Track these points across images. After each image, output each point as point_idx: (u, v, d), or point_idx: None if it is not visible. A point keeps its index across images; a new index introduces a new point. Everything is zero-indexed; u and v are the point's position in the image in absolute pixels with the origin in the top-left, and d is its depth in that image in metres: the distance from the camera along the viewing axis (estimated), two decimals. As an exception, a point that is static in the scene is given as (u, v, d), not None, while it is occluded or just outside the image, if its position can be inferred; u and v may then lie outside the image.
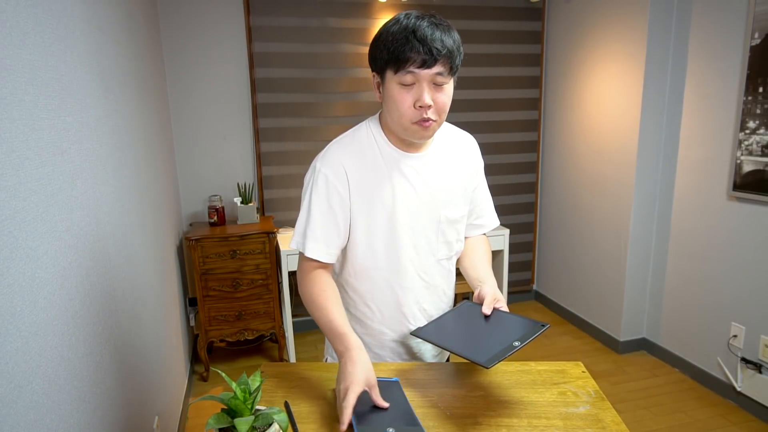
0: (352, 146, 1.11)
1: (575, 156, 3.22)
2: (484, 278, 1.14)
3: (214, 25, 2.88)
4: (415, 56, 0.95)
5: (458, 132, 1.22)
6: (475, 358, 0.89)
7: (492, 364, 0.86)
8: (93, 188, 1.25)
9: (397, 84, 0.99)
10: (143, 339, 1.65)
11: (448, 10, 3.16)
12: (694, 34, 2.49)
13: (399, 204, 1.10)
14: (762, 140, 2.16)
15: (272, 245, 2.66)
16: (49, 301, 0.91)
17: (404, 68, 0.97)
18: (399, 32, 0.97)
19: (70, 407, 0.96)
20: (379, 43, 1.00)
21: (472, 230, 1.28)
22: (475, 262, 1.21)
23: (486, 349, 0.91)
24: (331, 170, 1.08)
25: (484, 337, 0.96)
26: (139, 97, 1.97)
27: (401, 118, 1.02)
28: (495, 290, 1.09)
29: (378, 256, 1.12)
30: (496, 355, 0.89)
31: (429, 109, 1.00)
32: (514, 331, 0.96)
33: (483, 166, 1.25)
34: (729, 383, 2.41)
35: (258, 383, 0.79)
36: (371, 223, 1.10)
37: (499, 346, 0.91)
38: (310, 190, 1.09)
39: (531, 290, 3.81)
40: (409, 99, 1.00)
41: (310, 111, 3.09)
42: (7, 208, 0.78)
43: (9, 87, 0.82)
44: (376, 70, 1.05)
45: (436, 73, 0.97)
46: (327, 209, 1.08)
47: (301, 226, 1.10)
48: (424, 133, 1.04)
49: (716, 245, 2.44)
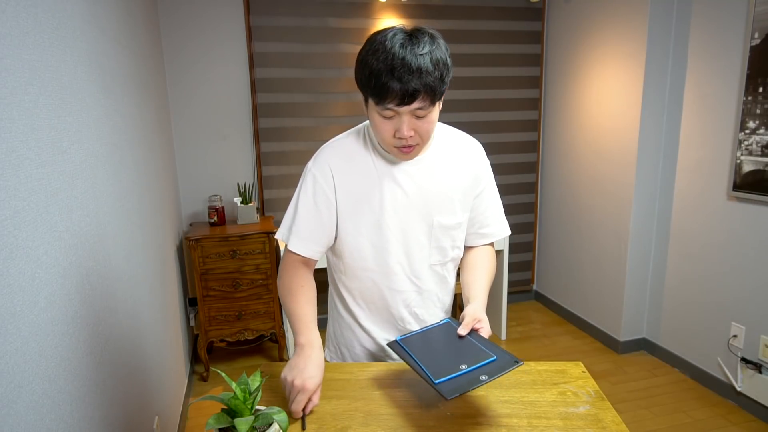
0: (343, 148, 1.12)
1: (575, 156, 3.22)
2: (474, 297, 1.10)
3: (214, 25, 2.88)
4: (393, 95, 0.93)
5: (462, 136, 1.19)
6: (439, 388, 0.85)
7: (452, 396, 0.83)
8: (93, 188, 1.25)
9: (377, 114, 0.99)
10: (143, 339, 1.65)
11: (449, 10, 3.16)
12: (694, 33, 2.49)
13: (387, 207, 1.10)
14: (762, 140, 2.16)
15: (272, 245, 2.66)
16: (49, 301, 0.91)
17: (383, 104, 0.95)
18: (379, 68, 0.93)
19: (70, 407, 0.96)
20: (364, 69, 0.96)
21: (477, 239, 1.23)
22: (471, 278, 1.17)
23: (452, 377, 0.88)
24: (319, 170, 1.10)
25: (453, 363, 0.91)
26: (139, 97, 1.97)
27: (383, 142, 1.04)
28: (477, 311, 1.04)
29: (366, 258, 1.13)
30: (461, 386, 0.85)
31: (410, 138, 0.99)
32: (483, 362, 0.91)
33: (490, 173, 1.21)
34: (729, 383, 2.41)
35: (258, 383, 0.79)
36: (358, 225, 1.11)
37: (465, 377, 0.87)
38: (300, 188, 1.13)
39: (531, 290, 3.81)
40: (390, 128, 0.99)
41: (310, 111, 3.09)
42: (7, 208, 0.78)
43: (9, 87, 0.82)
44: (360, 90, 1.02)
45: (416, 108, 0.96)
46: (313, 208, 1.11)
47: (288, 221, 1.13)
48: (405, 157, 1.06)
49: (716, 245, 2.45)
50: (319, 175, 1.10)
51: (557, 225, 3.47)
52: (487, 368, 0.89)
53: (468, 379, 0.87)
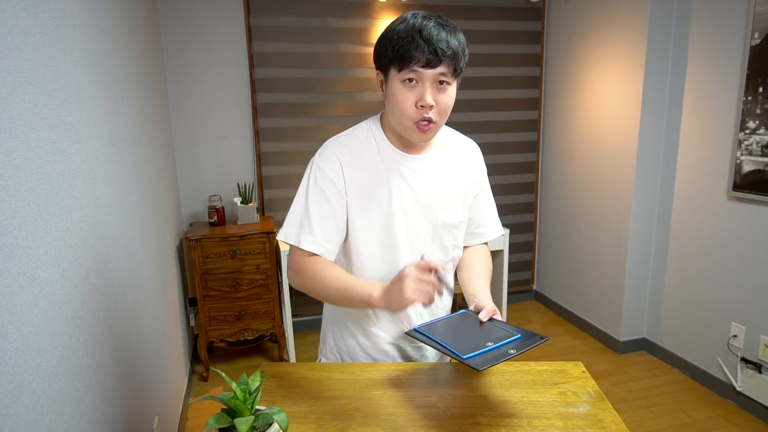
0: (350, 143, 1.11)
1: (575, 156, 3.22)
2: (480, 294, 1.13)
3: (214, 25, 2.88)
4: (420, 55, 0.95)
5: (461, 138, 1.22)
6: (468, 361, 0.88)
7: (483, 368, 0.85)
8: (93, 188, 1.25)
9: (400, 82, 1.00)
10: (143, 339, 1.65)
11: (449, 10, 3.16)
12: (694, 34, 2.49)
13: (395, 204, 1.09)
14: (762, 140, 2.16)
15: (272, 245, 2.66)
16: (49, 301, 0.91)
17: (408, 67, 0.97)
18: (405, 31, 0.97)
19: (70, 407, 0.96)
20: (385, 40, 1.00)
21: (473, 239, 1.26)
22: (472, 276, 1.19)
23: (480, 353, 0.90)
24: (327, 165, 1.08)
25: (479, 342, 0.94)
26: (139, 97, 1.97)
27: (402, 117, 1.02)
28: (491, 302, 1.08)
29: (374, 257, 1.12)
30: (490, 359, 0.88)
31: (430, 109, 1.00)
32: (507, 340, 0.95)
33: (486, 175, 1.24)
34: (729, 383, 2.41)
35: (258, 383, 0.79)
36: (367, 222, 1.09)
37: (493, 352, 0.90)
38: (307, 185, 1.09)
39: (531, 290, 3.81)
40: (412, 97, 1.00)
41: (310, 111, 3.09)
42: (7, 208, 0.78)
43: (9, 87, 0.82)
44: (381, 67, 1.04)
45: (439, 73, 0.97)
46: (325, 203, 1.07)
47: (296, 219, 1.08)
48: (423, 135, 1.04)
49: (716, 245, 2.45)
50: (328, 169, 1.07)
51: (557, 225, 3.47)
52: (514, 344, 0.93)
53: (496, 354, 0.90)
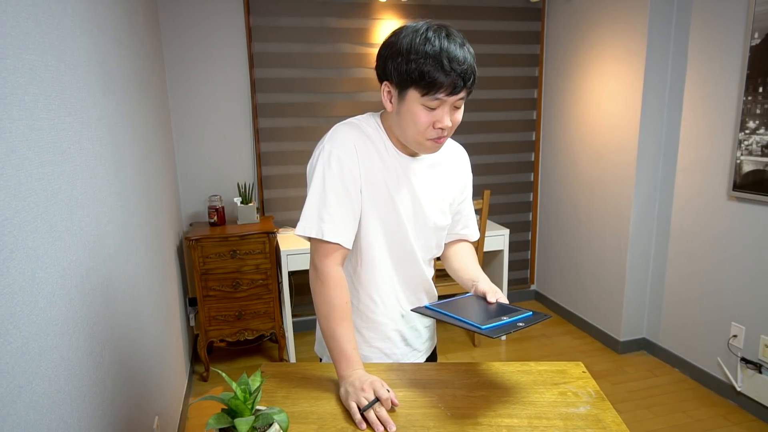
0: (361, 131, 1.09)
1: (575, 155, 3.22)
2: (478, 278, 1.16)
3: (214, 25, 2.88)
4: (446, 81, 0.95)
5: (452, 143, 1.24)
6: (479, 329, 0.92)
7: (496, 335, 0.90)
8: (93, 188, 1.24)
9: (421, 105, 0.99)
10: (143, 339, 1.65)
11: (449, 10, 3.16)
12: (693, 34, 2.49)
13: (398, 203, 1.11)
14: (762, 140, 2.16)
15: (272, 245, 2.66)
16: (49, 301, 0.91)
17: (433, 94, 0.96)
18: (432, 54, 0.94)
19: (70, 407, 0.96)
20: (406, 59, 0.96)
21: (457, 238, 1.31)
22: (466, 264, 1.24)
23: (496, 326, 0.95)
24: (344, 151, 1.04)
25: (493, 315, 0.99)
26: (139, 97, 1.97)
27: (417, 135, 1.02)
28: (494, 285, 1.12)
29: (382, 249, 1.13)
30: (501, 328, 0.92)
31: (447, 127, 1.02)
32: (518, 316, 1.00)
33: (471, 181, 1.28)
34: (729, 383, 2.41)
35: (258, 383, 0.79)
36: (378, 210, 1.10)
37: (506, 325, 0.95)
38: (323, 173, 1.03)
39: (530, 289, 3.81)
40: (430, 119, 1.00)
41: (310, 111, 3.09)
42: (7, 208, 0.78)
43: (9, 87, 0.82)
44: (395, 83, 1.00)
45: (460, 98, 0.99)
46: (343, 191, 1.04)
47: (314, 210, 1.03)
48: (436, 149, 1.06)
49: (716, 245, 2.44)
50: (345, 157, 1.04)
51: (557, 224, 3.47)
52: (525, 320, 0.98)
53: (507, 326, 0.94)
